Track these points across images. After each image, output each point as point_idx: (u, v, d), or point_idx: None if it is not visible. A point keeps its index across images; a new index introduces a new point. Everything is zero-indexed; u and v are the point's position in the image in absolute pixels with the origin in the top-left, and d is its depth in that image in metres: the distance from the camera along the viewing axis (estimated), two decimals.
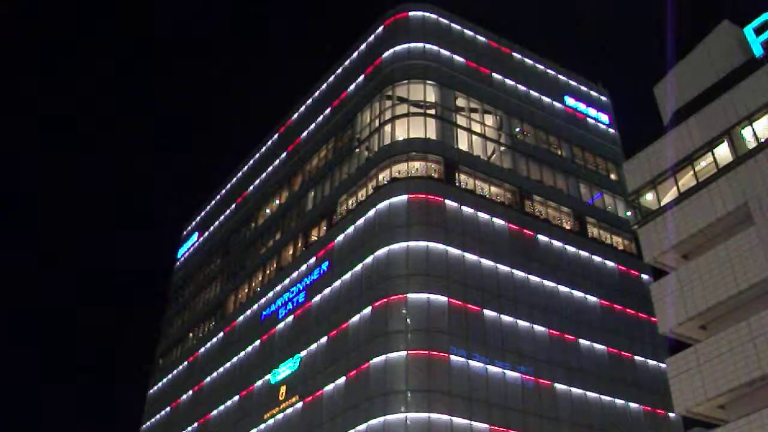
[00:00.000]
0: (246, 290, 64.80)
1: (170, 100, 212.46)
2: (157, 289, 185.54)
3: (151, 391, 78.65)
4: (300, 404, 47.89)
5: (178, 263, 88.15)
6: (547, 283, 48.77)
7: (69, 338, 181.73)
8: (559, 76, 63.69)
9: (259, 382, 54.41)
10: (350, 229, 50.28)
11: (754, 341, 27.34)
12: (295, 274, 55.88)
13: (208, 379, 64.44)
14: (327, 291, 50.26)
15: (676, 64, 37.53)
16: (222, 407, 59.29)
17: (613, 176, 60.31)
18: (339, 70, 63.98)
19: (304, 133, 65.86)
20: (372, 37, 59.72)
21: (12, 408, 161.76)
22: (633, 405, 47.63)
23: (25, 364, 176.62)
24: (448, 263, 44.91)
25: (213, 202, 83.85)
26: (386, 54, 55.69)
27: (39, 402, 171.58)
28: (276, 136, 72.71)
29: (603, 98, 66.28)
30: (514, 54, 61.36)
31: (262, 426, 51.32)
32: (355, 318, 45.55)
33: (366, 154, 53.62)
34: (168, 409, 71.33)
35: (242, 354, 59.46)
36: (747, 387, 27.62)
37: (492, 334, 43.99)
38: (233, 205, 76.76)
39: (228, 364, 61.45)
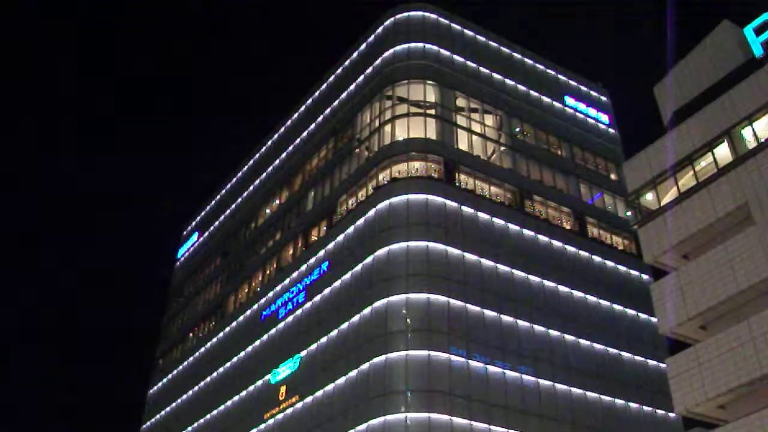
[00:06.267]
0: (246, 290, 64.80)
1: (171, 99, 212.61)
2: (157, 289, 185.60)
3: (151, 391, 78.69)
4: (300, 404, 47.88)
5: (178, 263, 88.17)
6: (547, 283, 48.76)
7: (69, 338, 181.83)
8: (559, 76, 63.68)
9: (259, 382, 54.41)
10: (350, 229, 50.26)
11: (754, 341, 27.33)
12: (295, 274, 55.87)
13: (208, 379, 64.44)
14: (327, 291, 50.26)
15: (676, 64, 37.52)
16: (222, 407, 59.28)
17: (613, 176, 60.28)
18: (339, 70, 63.96)
19: (304, 133, 65.85)
20: (372, 37, 59.71)
21: (12, 408, 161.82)
22: (633, 405, 47.61)
23: (25, 364, 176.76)
24: (448, 263, 44.89)
25: (213, 202, 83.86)
26: (386, 54, 55.68)
27: (39, 402, 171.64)
28: (276, 135, 72.71)
29: (603, 98, 66.27)
30: (514, 54, 61.36)
31: (262, 426, 51.32)
32: (355, 318, 45.54)
33: (366, 154, 53.60)
34: (168, 409, 71.35)
35: (242, 354, 59.46)
36: (747, 387, 27.60)
37: (492, 334, 43.97)
38: (233, 205, 76.75)
39: (228, 364, 61.45)
